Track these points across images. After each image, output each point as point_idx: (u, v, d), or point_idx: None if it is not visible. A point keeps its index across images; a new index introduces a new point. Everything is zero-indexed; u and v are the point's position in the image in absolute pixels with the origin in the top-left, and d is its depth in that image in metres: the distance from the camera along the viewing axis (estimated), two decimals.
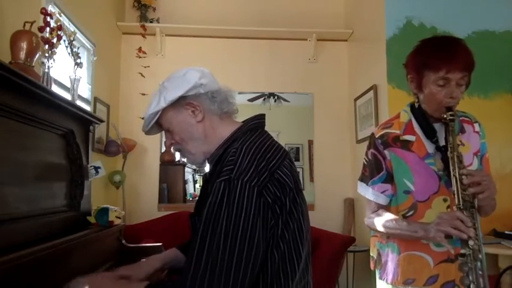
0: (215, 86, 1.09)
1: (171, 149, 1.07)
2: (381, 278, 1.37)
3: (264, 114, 1.11)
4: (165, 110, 1.06)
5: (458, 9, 2.71)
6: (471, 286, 1.07)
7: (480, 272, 1.08)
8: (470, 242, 1.08)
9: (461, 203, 1.15)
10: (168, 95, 1.05)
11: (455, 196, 1.17)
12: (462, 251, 1.10)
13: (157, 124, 1.10)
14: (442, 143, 1.28)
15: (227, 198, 0.86)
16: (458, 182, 1.17)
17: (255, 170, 0.89)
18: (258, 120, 1.09)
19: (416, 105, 1.35)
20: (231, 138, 1.03)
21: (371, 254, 1.45)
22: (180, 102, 1.05)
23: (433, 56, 1.24)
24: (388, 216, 1.33)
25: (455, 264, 1.23)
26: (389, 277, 1.33)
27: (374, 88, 2.89)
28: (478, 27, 2.72)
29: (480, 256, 1.09)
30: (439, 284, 1.25)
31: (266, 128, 1.10)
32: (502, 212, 1.79)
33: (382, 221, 1.32)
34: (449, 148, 1.22)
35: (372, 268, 1.43)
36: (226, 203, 0.85)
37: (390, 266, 1.33)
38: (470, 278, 1.08)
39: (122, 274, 1.11)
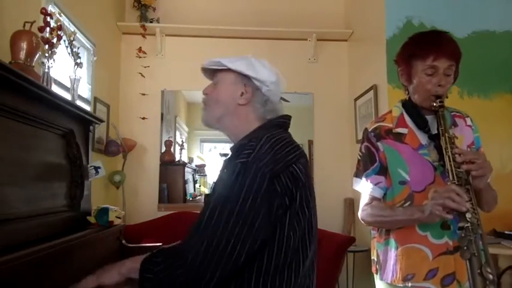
0: (275, 98, 1.14)
1: (202, 94, 1.15)
2: (381, 279, 1.33)
3: (290, 116, 1.15)
4: (229, 71, 1.11)
5: (458, 9, 2.71)
6: (472, 258, 1.02)
7: (481, 245, 1.03)
8: (468, 215, 1.06)
9: (455, 178, 1.14)
10: (242, 67, 1.10)
11: (449, 173, 1.16)
12: (460, 224, 1.06)
13: (214, 72, 1.15)
14: (434, 132, 1.28)
15: (241, 179, 0.90)
16: (451, 160, 1.16)
17: (272, 158, 0.92)
18: (284, 119, 1.13)
19: (407, 97, 1.38)
20: (256, 131, 1.07)
21: (372, 257, 1.42)
22: (243, 78, 1.10)
23: (420, 45, 1.28)
24: (383, 205, 1.32)
25: (454, 256, 1.22)
26: (389, 276, 1.29)
27: (374, 88, 2.89)
28: (478, 27, 2.71)
29: (480, 231, 1.05)
30: (438, 278, 1.22)
31: None
32: (502, 212, 1.79)
33: (377, 210, 1.31)
34: (440, 131, 1.22)
35: (374, 271, 1.40)
36: (239, 183, 0.89)
37: (390, 264, 1.30)
38: (471, 250, 1.02)
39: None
